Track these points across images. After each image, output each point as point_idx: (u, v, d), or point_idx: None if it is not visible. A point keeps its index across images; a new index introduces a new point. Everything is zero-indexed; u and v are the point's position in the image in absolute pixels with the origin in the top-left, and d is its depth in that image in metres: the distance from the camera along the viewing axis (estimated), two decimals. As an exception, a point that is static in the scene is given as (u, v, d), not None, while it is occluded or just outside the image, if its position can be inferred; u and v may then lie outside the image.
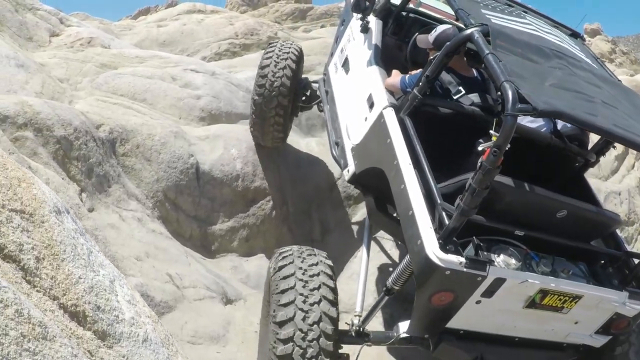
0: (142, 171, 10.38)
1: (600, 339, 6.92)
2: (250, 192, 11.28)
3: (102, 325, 3.51)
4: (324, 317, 6.35)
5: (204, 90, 13.34)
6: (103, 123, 10.38)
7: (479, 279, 5.73)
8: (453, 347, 6.45)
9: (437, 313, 6.16)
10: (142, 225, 9.53)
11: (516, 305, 6.19)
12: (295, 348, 6.17)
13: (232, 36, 25.10)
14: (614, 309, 6.57)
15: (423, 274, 5.88)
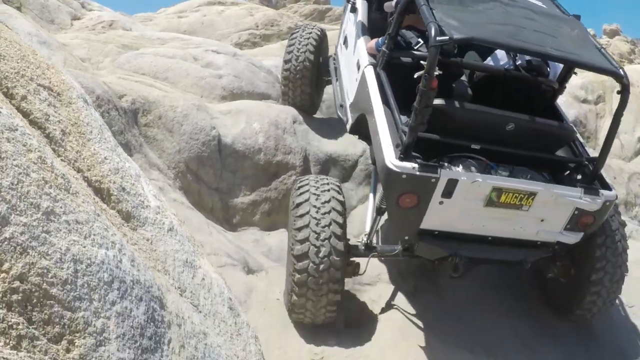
0: (164, 142, 10.34)
1: (571, 235, 7.72)
2: (272, 166, 11.20)
3: (126, 206, 3.46)
4: (333, 223, 7.70)
5: (225, 70, 13.29)
6: (125, 94, 10.36)
7: (433, 181, 6.83)
8: (430, 245, 7.51)
9: (407, 215, 7.18)
10: (164, 194, 9.45)
11: (477, 204, 7.20)
12: (311, 247, 7.62)
13: (252, 27, 25.08)
14: (573, 204, 7.43)
15: (386, 182, 7.03)
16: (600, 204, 7.49)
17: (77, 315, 2.48)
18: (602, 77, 14.35)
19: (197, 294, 3.70)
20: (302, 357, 7.93)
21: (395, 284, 9.48)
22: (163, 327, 3.01)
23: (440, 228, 7.41)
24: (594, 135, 12.91)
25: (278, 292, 9.07)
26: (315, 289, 7.74)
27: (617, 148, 12.84)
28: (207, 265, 4.19)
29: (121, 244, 2.98)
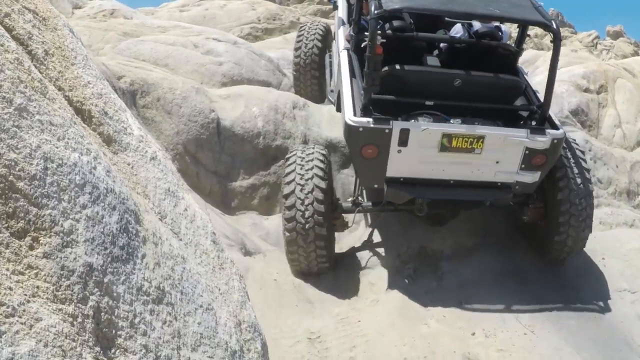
0: (162, 123, 10.30)
1: (528, 175, 8.58)
2: (271, 150, 11.11)
3: (107, 129, 3.40)
4: (316, 189, 8.67)
5: (225, 57, 13.26)
6: (124, 75, 10.33)
7: (387, 131, 7.96)
8: (397, 190, 8.49)
9: (372, 165, 8.30)
10: (162, 175, 9.40)
11: (432, 151, 8.17)
12: (297, 211, 8.66)
13: (255, 21, 25.05)
14: (521, 143, 8.28)
15: (348, 136, 8.24)
16: (549, 143, 8.30)
17: (44, 213, 2.42)
18: (604, 67, 14.31)
19: (179, 222, 3.64)
20: (298, 336, 7.88)
21: (395, 267, 9.44)
22: (137, 240, 2.95)
23: (405, 175, 8.45)
24: (596, 124, 12.85)
25: (275, 273, 9.03)
26: (304, 246, 8.86)
27: (620, 137, 12.80)
28: (192, 200, 4.11)
29: (97, 153, 2.92)
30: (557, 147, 8.40)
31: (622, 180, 11.97)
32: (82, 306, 2.38)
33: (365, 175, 8.73)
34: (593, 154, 11.98)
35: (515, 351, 7.84)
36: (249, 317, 3.90)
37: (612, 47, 58.46)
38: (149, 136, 4.06)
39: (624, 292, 9.43)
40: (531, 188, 8.81)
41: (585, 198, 9.09)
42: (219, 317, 3.36)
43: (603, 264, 9.91)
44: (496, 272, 9.45)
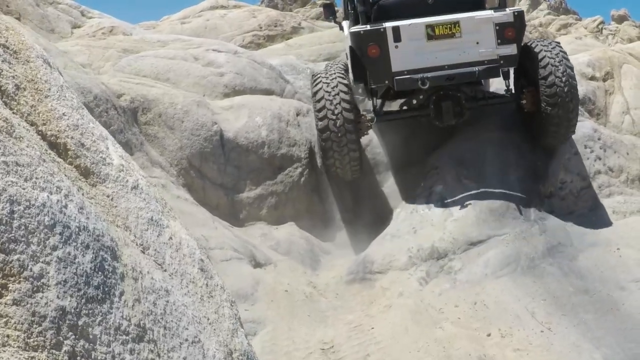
0: (165, 139, 10.28)
1: (507, 47, 10.38)
2: (277, 159, 11.08)
3: (85, 161, 3.30)
4: (342, 101, 10.38)
5: (227, 67, 13.20)
6: (124, 93, 10.33)
7: (382, 30, 10.22)
8: (404, 79, 10.28)
9: (378, 63, 10.28)
10: (167, 191, 9.38)
11: (422, 41, 10.27)
12: (329, 121, 10.31)
13: (256, 28, 25.06)
14: (490, 20, 10.32)
15: (354, 43, 10.42)
16: (512, 16, 10.38)
17: (12, 258, 2.31)
18: (609, 53, 14.18)
19: (163, 252, 3.54)
20: (311, 347, 7.80)
21: (406, 270, 9.35)
22: (114, 277, 2.85)
23: (407, 67, 10.29)
24: (604, 112, 12.75)
25: (287, 284, 8.94)
26: (338, 150, 10.44)
27: (629, 124, 12.68)
28: (178, 226, 4.02)
29: (68, 190, 2.82)
30: (520, 18, 10.51)
31: (633, 168, 11.84)
32: (56, 352, 2.30)
33: (376, 74, 10.45)
34: (602, 143, 11.85)
35: (532, 350, 7.73)
36: (241, 345, 3.80)
37: (617, 31, 58.35)
38: (132, 163, 3.97)
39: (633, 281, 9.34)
40: (513, 61, 10.62)
41: (570, 91, 10.51)
42: (206, 350, 3.27)
43: (619, 254, 9.79)
44: (509, 267, 9.36)
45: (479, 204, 10.23)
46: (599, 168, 11.58)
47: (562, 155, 11.39)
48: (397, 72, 10.25)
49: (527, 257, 9.58)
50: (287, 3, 57.23)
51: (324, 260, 10.45)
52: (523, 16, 10.62)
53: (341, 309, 8.76)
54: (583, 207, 11.12)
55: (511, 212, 10.28)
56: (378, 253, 9.76)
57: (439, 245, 9.61)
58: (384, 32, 10.17)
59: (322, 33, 24.40)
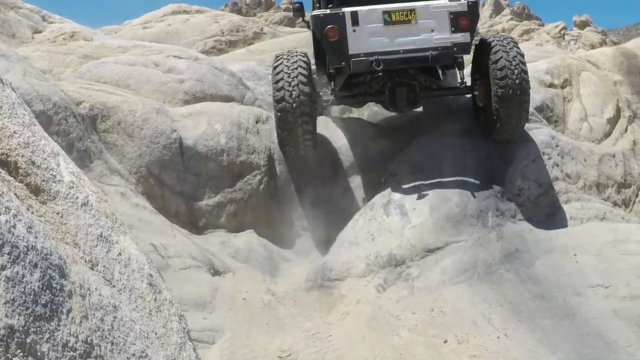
0: (124, 147, 10.25)
1: (460, 35, 10.87)
2: (236, 166, 11.10)
3: (35, 179, 3.32)
4: (300, 75, 10.98)
5: (187, 74, 13.18)
6: (83, 100, 10.29)
7: (341, 14, 10.76)
8: (360, 60, 10.78)
9: (336, 44, 10.83)
10: (126, 199, 9.38)
11: (379, 27, 10.82)
12: (285, 92, 10.85)
13: (218, 33, 25.07)
14: (445, 9, 10.84)
15: (314, 25, 11.03)
16: (465, 5, 10.84)
17: None
18: (568, 61, 14.33)
19: (112, 268, 3.57)
20: (269, 355, 7.83)
21: (364, 277, 9.41)
22: (62, 295, 2.88)
23: (363, 50, 10.80)
24: (562, 119, 12.87)
25: (245, 291, 8.97)
26: (292, 121, 10.87)
27: (587, 131, 12.82)
28: (128, 241, 4.05)
29: (17, 210, 2.85)
30: (474, 9, 10.98)
31: (591, 174, 11.98)
32: (4, 369, 2.33)
33: (334, 54, 11.14)
34: (560, 149, 11.99)
35: (489, 356, 7.79)
36: (189, 359, 3.84)
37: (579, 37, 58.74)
38: (84, 179, 3.99)
39: (598, 288, 9.42)
40: (467, 48, 11.20)
41: (519, 86, 10.92)
42: (154, 364, 3.31)
43: (575, 260, 9.90)
44: (467, 274, 9.44)
45: (437, 211, 10.31)
46: (556, 175, 11.71)
47: (520, 162, 11.54)
48: (353, 55, 10.80)
49: (484, 263, 9.67)
50: (251, 7, 57.19)
51: (283, 267, 10.47)
52: (477, 7, 11.12)
53: (299, 316, 8.80)
54: (541, 214, 11.24)
55: (468, 219, 10.37)
56: (336, 260, 9.81)
57: (397, 252, 9.67)
58: (343, 16, 10.76)
59: (284, 39, 24.49)
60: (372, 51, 10.77)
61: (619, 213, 11.74)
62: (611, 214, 11.59)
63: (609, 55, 15.38)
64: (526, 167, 11.55)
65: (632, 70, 14.81)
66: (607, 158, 12.43)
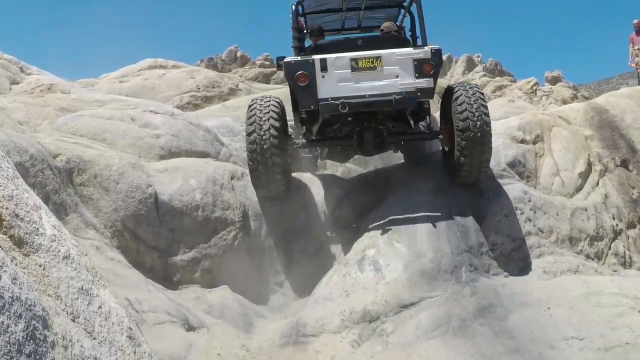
0: (100, 200, 10.23)
1: (424, 81, 11.40)
2: (211, 222, 11.13)
3: (19, 231, 3.36)
4: (272, 119, 11.50)
5: (163, 129, 13.21)
6: (60, 153, 10.27)
7: (311, 61, 11.39)
8: (327, 103, 11.31)
9: (307, 89, 11.39)
10: (100, 253, 9.34)
11: (346, 73, 11.39)
12: (257, 136, 11.33)
13: (194, 89, 25.13)
14: (410, 56, 11.43)
15: (287, 72, 11.59)
16: (429, 52, 11.42)
17: None
18: (539, 117, 14.52)
19: (92, 320, 3.60)
20: (243, 411, 7.80)
21: (339, 333, 9.40)
22: (45, 346, 2.92)
23: (332, 95, 11.32)
24: (534, 174, 13.00)
25: (219, 347, 8.94)
26: (264, 172, 11.47)
27: (559, 185, 12.94)
28: (108, 294, 4.08)
29: (3, 262, 2.89)
30: (437, 55, 11.54)
31: (563, 228, 12.07)
32: (-11, 418, 2.35)
33: (304, 98, 11.57)
34: (533, 204, 12.10)
35: (462, 413, 7.82)
36: (167, 412, 3.87)
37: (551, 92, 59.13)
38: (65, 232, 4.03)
39: (572, 340, 9.45)
40: (430, 93, 11.59)
41: (482, 133, 11.34)
42: (133, 413, 3.33)
43: (549, 314, 9.94)
44: (441, 329, 9.47)
45: (411, 267, 10.35)
46: (529, 229, 11.80)
47: (493, 217, 11.64)
48: (322, 99, 11.35)
49: (459, 318, 9.70)
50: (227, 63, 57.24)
51: (258, 323, 10.43)
52: (440, 54, 11.68)
53: (274, 372, 8.78)
54: (514, 268, 11.30)
55: (442, 274, 10.41)
56: (311, 316, 9.81)
57: (371, 308, 9.70)
58: (313, 63, 11.41)
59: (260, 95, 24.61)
60: (340, 95, 11.33)
61: (591, 266, 11.79)
62: (584, 266, 11.64)
63: (580, 110, 15.59)
64: (499, 222, 11.64)
65: (603, 124, 15.02)
66: (579, 212, 12.54)
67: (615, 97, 16.29)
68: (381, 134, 12.35)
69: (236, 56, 57.12)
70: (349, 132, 12.52)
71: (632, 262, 12.55)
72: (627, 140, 14.67)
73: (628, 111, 15.38)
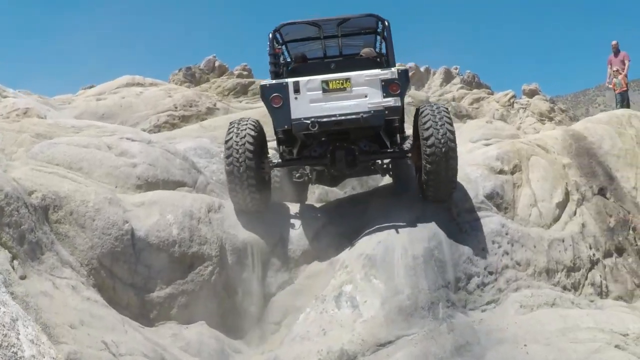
0: (76, 238, 10.12)
1: (391, 100, 12.12)
2: (187, 257, 11.07)
3: (-3, 362, 3.31)
4: (247, 143, 12.29)
5: (140, 158, 13.13)
6: (35, 189, 10.15)
7: (284, 84, 12.17)
8: (299, 122, 12.08)
9: (281, 110, 12.20)
10: (77, 293, 9.23)
11: (318, 94, 12.14)
12: (234, 161, 12.15)
13: (171, 108, 25.03)
14: (377, 77, 12.16)
15: (262, 95, 12.40)
16: (396, 73, 12.15)
17: None
18: (518, 146, 14.56)
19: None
20: None
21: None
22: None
23: (304, 116, 12.07)
24: (512, 205, 13.03)
25: (197, 385, 8.91)
26: (240, 192, 12.25)
27: (536, 216, 12.98)
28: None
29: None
30: (404, 75, 12.33)
31: (540, 260, 12.12)
32: None
33: (278, 119, 12.38)
34: (510, 237, 12.15)
35: None
36: None
37: (528, 105, 59.51)
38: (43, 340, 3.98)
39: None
40: (397, 111, 12.32)
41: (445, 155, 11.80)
42: None
43: (526, 351, 10.00)
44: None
45: (388, 303, 10.37)
46: (506, 263, 11.83)
47: (470, 251, 11.65)
48: (295, 119, 12.13)
49: (436, 357, 9.74)
50: (205, 72, 57.14)
51: (235, 359, 10.41)
52: (407, 74, 12.61)
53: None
54: (491, 303, 11.34)
55: (420, 311, 10.44)
56: (288, 355, 9.84)
57: (348, 347, 9.71)
58: (286, 85, 12.22)
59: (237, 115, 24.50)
60: (311, 115, 12.09)
61: (568, 298, 11.85)
62: (561, 299, 11.68)
63: (558, 138, 15.64)
64: (477, 256, 11.66)
65: (581, 152, 15.11)
66: (557, 243, 12.60)
67: (593, 123, 16.38)
68: (353, 152, 13.07)
69: (214, 66, 57.05)
70: (322, 151, 13.23)
71: (609, 292, 12.64)
72: (604, 168, 14.76)
73: (606, 138, 15.48)
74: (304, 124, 12.05)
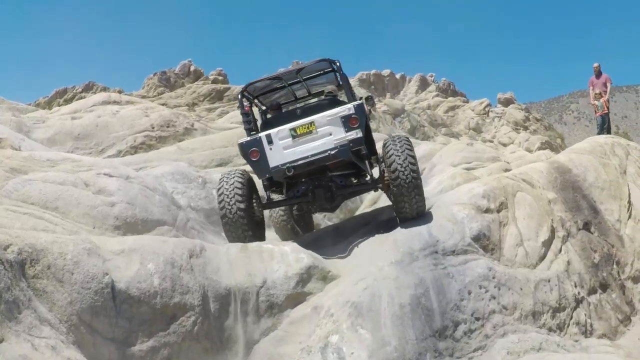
0: (55, 293, 9.79)
1: (352, 133, 13.54)
2: (169, 308, 10.75)
3: None
4: (236, 195, 13.74)
5: (118, 196, 12.92)
6: (11, 243, 9.81)
7: (258, 139, 13.68)
8: (278, 170, 13.74)
9: (260, 162, 13.73)
10: (57, 353, 8.96)
11: (289, 141, 13.62)
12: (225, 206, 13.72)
13: (148, 128, 24.79)
14: (337, 115, 13.59)
15: (241, 151, 13.91)
16: (353, 108, 13.63)
17: None
18: (504, 182, 14.47)
19: None
20: None
21: None
22: None
23: (280, 162, 13.62)
24: (498, 245, 12.92)
25: None
26: (234, 231, 13.86)
27: (522, 256, 12.90)
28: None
29: None
30: (360, 108, 13.72)
31: (527, 303, 12.03)
32: None
33: (259, 170, 13.96)
34: (497, 281, 12.05)
35: None
36: None
37: (503, 114, 59.71)
38: None
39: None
40: (360, 142, 13.68)
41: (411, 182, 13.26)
42: None
43: (512, 403, 9.88)
44: None
45: (375, 356, 10.27)
46: (493, 307, 11.72)
47: (457, 297, 11.51)
48: (273, 167, 13.74)
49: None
50: (180, 76, 56.96)
51: (218, 413, 10.22)
52: (362, 107, 13.95)
53: None
54: (478, 350, 11.25)
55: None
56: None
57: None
58: (260, 140, 13.79)
59: (215, 136, 24.30)
60: (287, 161, 13.63)
61: (554, 340, 11.79)
62: (547, 342, 11.62)
63: (543, 171, 15.59)
64: (463, 302, 11.54)
65: (565, 186, 15.12)
66: (543, 284, 12.54)
67: (577, 154, 16.40)
68: (331, 189, 14.62)
69: (190, 70, 56.96)
70: (305, 190, 14.72)
71: (593, 330, 12.68)
72: (589, 201, 14.78)
73: (590, 169, 15.53)
74: (281, 170, 13.63)
